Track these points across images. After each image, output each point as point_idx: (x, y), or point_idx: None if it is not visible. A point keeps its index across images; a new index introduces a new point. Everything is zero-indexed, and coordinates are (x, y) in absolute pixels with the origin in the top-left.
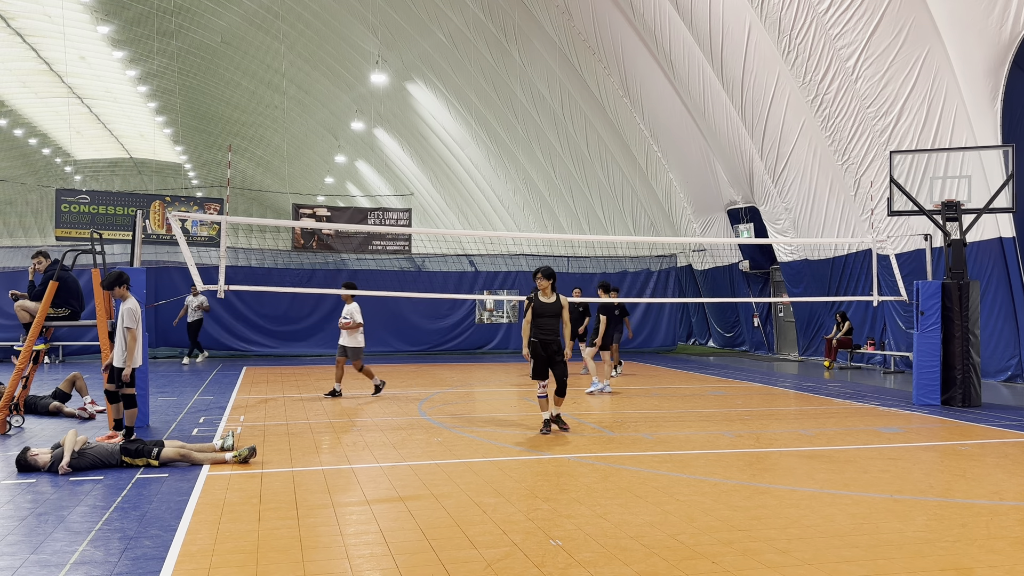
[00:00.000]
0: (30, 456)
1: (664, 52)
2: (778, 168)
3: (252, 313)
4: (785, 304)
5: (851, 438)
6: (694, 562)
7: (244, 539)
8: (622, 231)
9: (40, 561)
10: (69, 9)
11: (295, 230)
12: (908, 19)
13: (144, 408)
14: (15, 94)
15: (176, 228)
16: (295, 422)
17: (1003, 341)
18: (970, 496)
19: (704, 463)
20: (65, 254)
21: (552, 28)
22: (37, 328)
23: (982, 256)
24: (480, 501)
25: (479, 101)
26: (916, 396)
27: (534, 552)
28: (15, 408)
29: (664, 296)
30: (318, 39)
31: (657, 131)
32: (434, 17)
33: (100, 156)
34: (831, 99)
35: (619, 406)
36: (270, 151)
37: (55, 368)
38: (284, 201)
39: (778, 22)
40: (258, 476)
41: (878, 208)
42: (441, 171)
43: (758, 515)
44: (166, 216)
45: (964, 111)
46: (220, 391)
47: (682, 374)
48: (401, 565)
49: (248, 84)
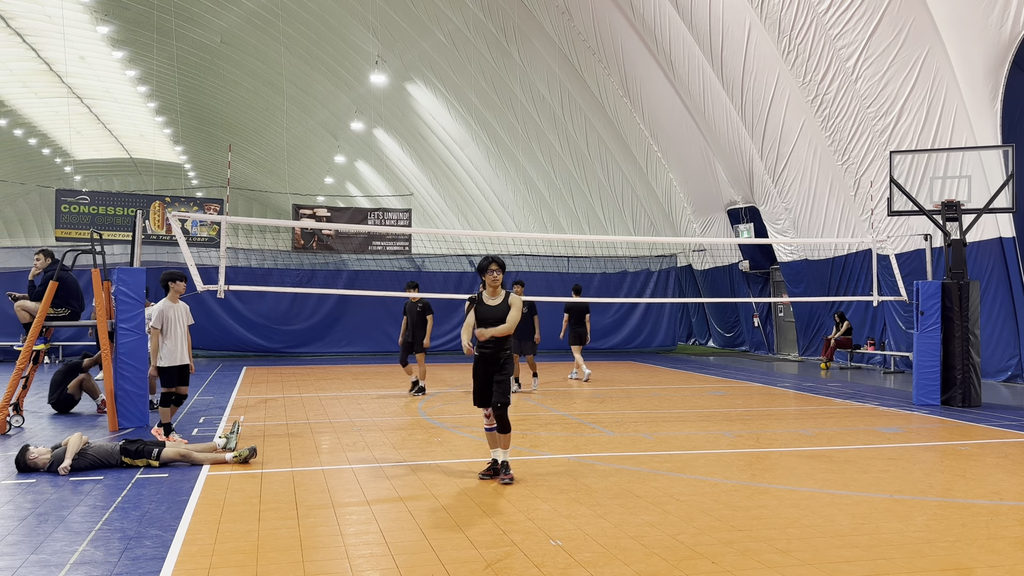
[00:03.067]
0: (30, 458)
1: (664, 52)
2: (778, 168)
3: (252, 313)
4: (785, 304)
5: (851, 438)
6: (694, 562)
7: (244, 539)
8: (622, 231)
9: (40, 561)
10: (69, 9)
11: (295, 230)
12: (908, 19)
13: (143, 409)
14: (15, 94)
15: (176, 228)
16: (295, 422)
17: (1003, 341)
18: (970, 496)
19: (704, 463)
20: (65, 254)
21: (552, 28)
22: (37, 328)
23: (982, 256)
24: (480, 501)
25: (479, 101)
26: (916, 396)
27: (534, 552)
28: (15, 408)
29: (664, 296)
30: (318, 39)
31: (657, 131)
32: (434, 17)
33: (100, 156)
34: (831, 99)
35: (619, 406)
36: (270, 151)
37: (55, 368)
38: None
39: (778, 22)
40: (258, 476)
41: (878, 208)
42: (441, 171)
43: (758, 515)
44: (166, 216)
45: (964, 111)
46: (220, 391)
47: (682, 374)
48: (401, 565)
49: (248, 84)
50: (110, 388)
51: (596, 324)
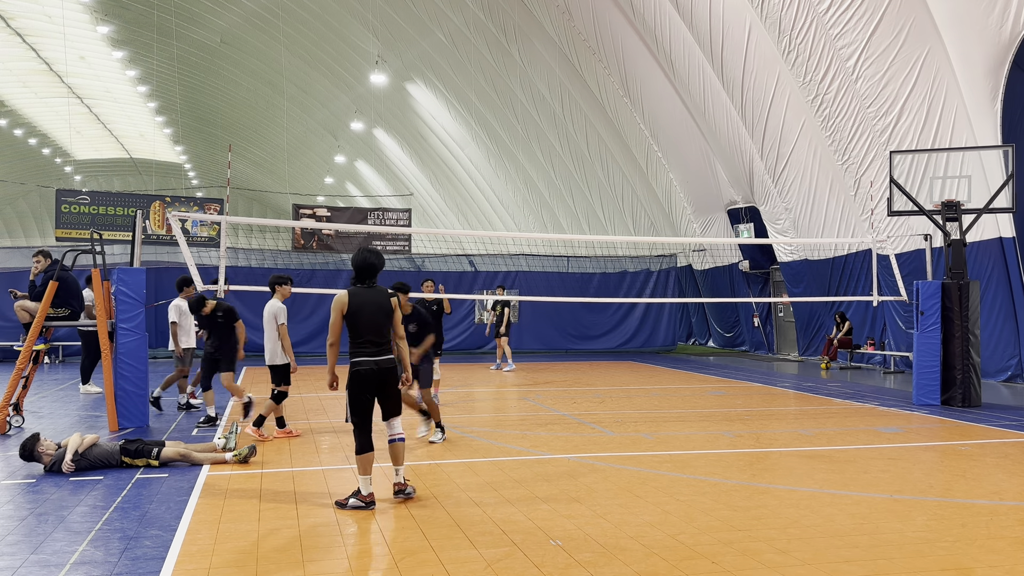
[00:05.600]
0: (39, 448)
1: (664, 52)
2: (778, 168)
3: (252, 314)
4: (785, 304)
5: (851, 438)
6: (694, 562)
7: (244, 539)
8: (622, 231)
9: (40, 561)
10: (69, 9)
11: (295, 230)
12: (908, 19)
13: (143, 409)
14: (15, 94)
15: (176, 228)
16: (295, 422)
17: (1003, 341)
18: (970, 496)
19: (704, 463)
20: (65, 254)
21: (552, 28)
22: (37, 328)
23: (982, 256)
24: (480, 501)
25: (479, 101)
26: (916, 396)
27: (534, 552)
28: (15, 408)
29: (664, 296)
30: (318, 39)
31: (657, 131)
32: (434, 17)
33: (100, 156)
34: (831, 99)
35: (619, 406)
36: (270, 151)
37: (55, 368)
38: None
39: (778, 22)
40: (258, 476)
41: (878, 208)
42: (441, 171)
43: (758, 515)
44: (166, 216)
45: (964, 111)
46: (220, 391)
47: (682, 374)
48: (401, 565)
49: (248, 84)
50: (110, 388)
51: (596, 324)
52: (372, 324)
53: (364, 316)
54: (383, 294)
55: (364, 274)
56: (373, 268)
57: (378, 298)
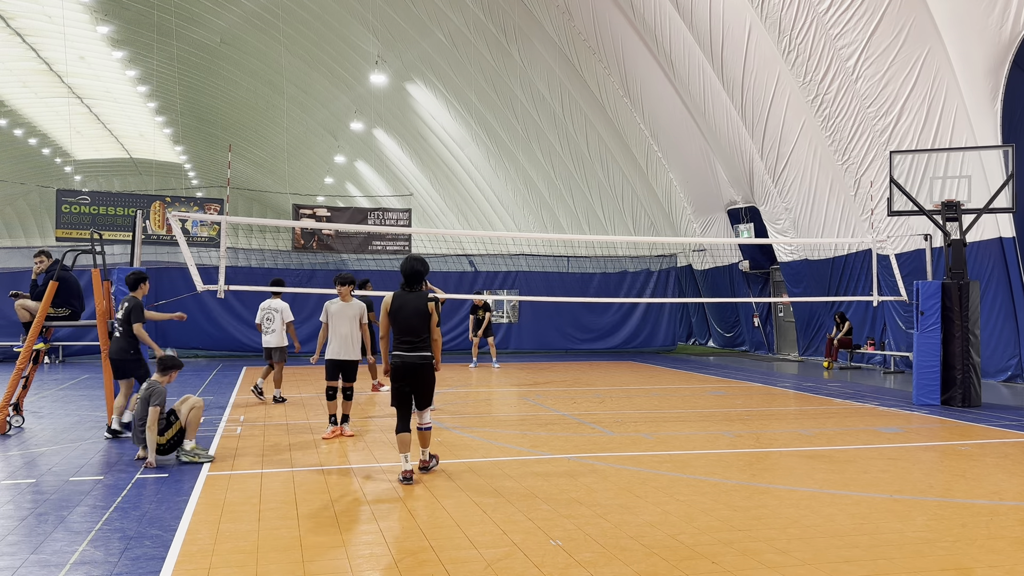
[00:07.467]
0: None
1: (664, 52)
2: (778, 168)
3: (252, 314)
4: (785, 304)
5: (851, 438)
6: (694, 562)
7: (244, 539)
8: (622, 231)
9: (40, 561)
10: (69, 9)
11: (295, 230)
12: (908, 19)
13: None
14: (15, 94)
15: (176, 228)
16: (295, 422)
17: (1003, 341)
18: (970, 496)
19: (704, 463)
20: (65, 254)
21: (552, 28)
22: (37, 328)
23: (982, 256)
24: (480, 501)
25: (479, 101)
26: (916, 396)
27: (534, 552)
28: (15, 408)
29: (664, 296)
30: (318, 39)
31: (657, 131)
32: (434, 17)
33: (100, 156)
34: (831, 99)
35: (619, 406)
36: (270, 151)
37: (55, 368)
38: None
39: (778, 22)
40: (258, 476)
41: (878, 208)
42: (441, 171)
43: (758, 515)
44: (166, 216)
45: (964, 111)
46: (220, 391)
47: (682, 374)
48: (401, 565)
49: (248, 84)
50: (109, 387)
51: (596, 324)
52: (407, 324)
53: (401, 317)
54: (422, 298)
55: (411, 280)
56: (419, 275)
57: (416, 302)
